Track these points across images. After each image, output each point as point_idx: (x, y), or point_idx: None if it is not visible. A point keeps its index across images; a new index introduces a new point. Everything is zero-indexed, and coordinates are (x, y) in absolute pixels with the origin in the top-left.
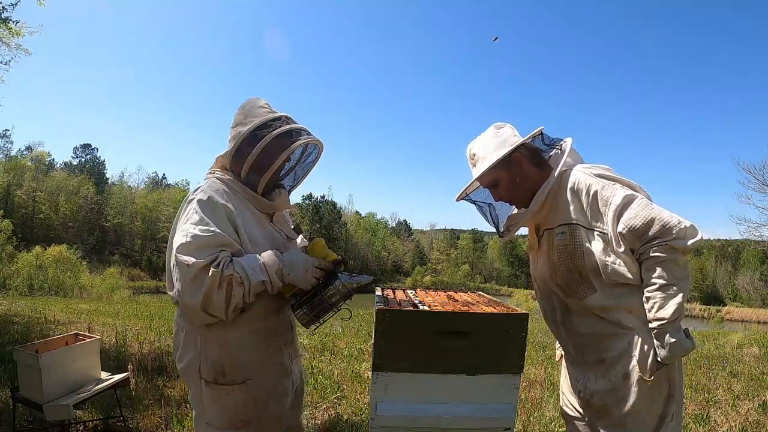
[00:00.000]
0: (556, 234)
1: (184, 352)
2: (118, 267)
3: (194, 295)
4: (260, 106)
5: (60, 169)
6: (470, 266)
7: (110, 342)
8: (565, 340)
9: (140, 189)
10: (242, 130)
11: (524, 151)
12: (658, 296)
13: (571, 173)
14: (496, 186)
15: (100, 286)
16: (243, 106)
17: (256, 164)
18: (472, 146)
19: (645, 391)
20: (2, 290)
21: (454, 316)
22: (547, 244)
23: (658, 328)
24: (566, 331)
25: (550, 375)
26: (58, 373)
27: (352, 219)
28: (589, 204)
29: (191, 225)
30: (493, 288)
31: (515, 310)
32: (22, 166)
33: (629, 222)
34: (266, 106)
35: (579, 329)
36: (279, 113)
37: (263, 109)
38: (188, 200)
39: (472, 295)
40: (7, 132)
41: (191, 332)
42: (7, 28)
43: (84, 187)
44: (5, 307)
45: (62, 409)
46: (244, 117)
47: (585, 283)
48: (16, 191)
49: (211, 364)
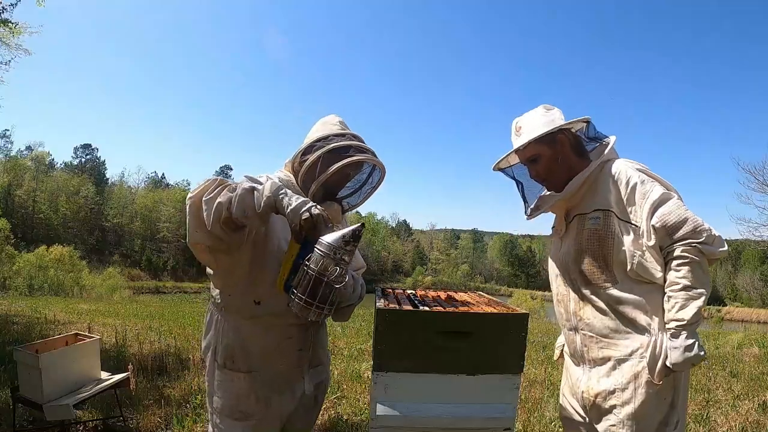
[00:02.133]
0: (589, 218)
1: (207, 332)
2: (117, 267)
3: (191, 192)
4: (332, 123)
5: (60, 169)
6: (470, 266)
7: (110, 342)
8: (573, 334)
9: (140, 189)
10: (308, 140)
11: (569, 135)
12: (681, 296)
13: (613, 163)
14: (535, 161)
15: (100, 286)
16: (319, 121)
17: (310, 172)
18: (519, 119)
19: (650, 396)
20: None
21: (454, 316)
22: (577, 228)
23: (676, 328)
24: (577, 322)
25: (551, 375)
26: (58, 373)
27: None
28: (627, 195)
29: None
30: (493, 288)
31: (515, 309)
32: (22, 166)
33: (663, 218)
34: (338, 123)
35: (591, 322)
36: (346, 131)
37: (333, 126)
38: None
39: (472, 295)
40: (7, 132)
41: (215, 316)
42: (7, 28)
43: (84, 187)
44: (5, 307)
45: (62, 409)
46: (315, 130)
47: (608, 272)
48: (16, 191)
49: (224, 348)
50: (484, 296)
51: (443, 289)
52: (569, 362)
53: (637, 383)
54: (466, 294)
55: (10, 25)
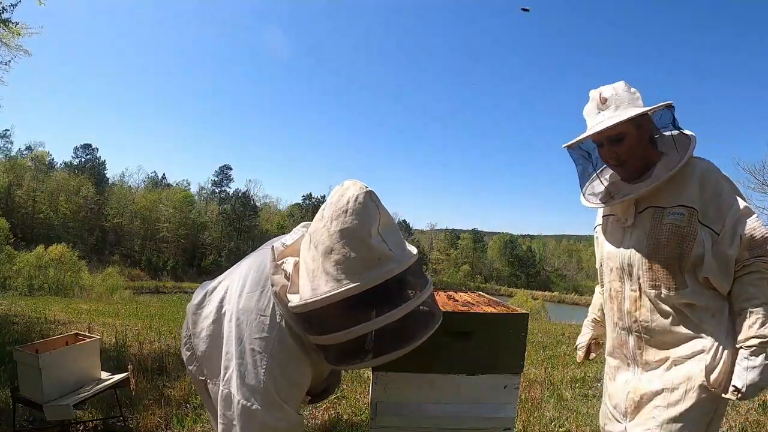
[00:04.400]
0: (670, 213)
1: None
2: (117, 267)
3: None
4: (362, 239)
5: (60, 169)
6: (470, 266)
7: (110, 342)
8: (625, 334)
9: (140, 189)
10: (324, 288)
11: (650, 121)
12: (761, 312)
13: (699, 161)
14: (619, 141)
15: (100, 286)
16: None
17: (340, 350)
18: (603, 90)
19: (698, 403)
20: (2, 290)
21: (454, 316)
22: (652, 222)
23: (758, 345)
24: (631, 322)
25: (550, 375)
26: (58, 373)
27: None
28: (712, 199)
29: (282, 369)
30: (493, 288)
31: (515, 309)
32: (22, 166)
33: (751, 231)
34: (370, 236)
35: (650, 324)
36: (386, 269)
37: (357, 255)
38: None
39: (472, 295)
40: (7, 132)
41: None
42: (7, 29)
43: (84, 187)
44: (5, 307)
45: (62, 409)
46: (328, 250)
47: (679, 274)
48: (16, 191)
49: None
50: (485, 296)
51: (443, 289)
52: (613, 364)
53: (689, 385)
54: (466, 294)
55: (11, 25)
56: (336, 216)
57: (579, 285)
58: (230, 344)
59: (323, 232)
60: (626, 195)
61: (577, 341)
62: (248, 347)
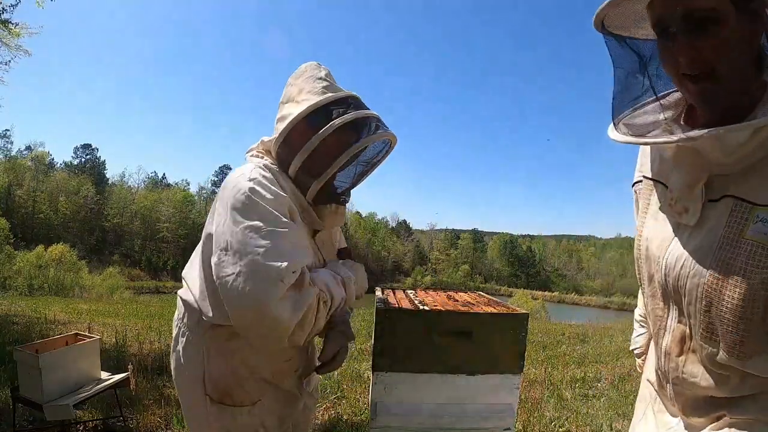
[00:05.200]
0: (758, 220)
1: (186, 361)
2: (117, 267)
3: (294, 310)
4: (319, 78)
5: (60, 169)
6: (470, 266)
7: (110, 342)
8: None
9: (140, 189)
10: (294, 111)
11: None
12: None
13: None
14: (708, 26)
15: (100, 286)
16: (297, 76)
17: (309, 162)
18: None
19: None
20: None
21: (454, 316)
22: (727, 225)
23: None
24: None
25: (550, 375)
26: (58, 373)
27: (353, 219)
28: None
29: (261, 221)
30: (492, 288)
31: (515, 309)
32: (22, 166)
33: None
34: (327, 78)
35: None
36: (344, 92)
37: (323, 83)
38: (235, 187)
39: (472, 295)
40: (7, 132)
41: (193, 340)
42: (6, 29)
43: (84, 187)
44: (5, 307)
45: (62, 409)
46: (298, 91)
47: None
48: (17, 191)
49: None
50: (484, 296)
51: (443, 289)
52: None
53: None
54: (466, 294)
55: (10, 26)
56: (297, 75)
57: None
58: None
59: (290, 89)
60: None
61: (631, 342)
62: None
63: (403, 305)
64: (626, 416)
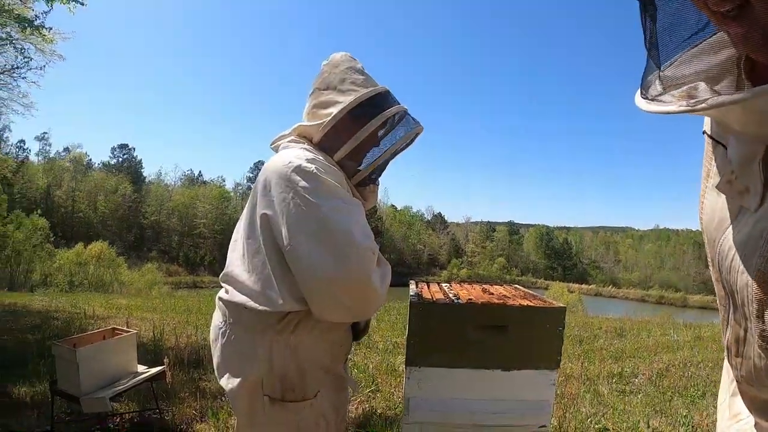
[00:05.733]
0: None
1: (241, 365)
2: (155, 263)
3: (383, 281)
4: (359, 70)
5: (98, 169)
6: (506, 259)
7: (148, 336)
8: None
9: (177, 186)
10: (341, 99)
11: None
12: None
13: None
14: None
15: (139, 282)
16: (335, 64)
17: (357, 149)
18: None
19: None
20: (44, 287)
21: (489, 309)
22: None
23: None
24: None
25: (587, 370)
26: (95, 366)
27: (388, 213)
28: None
29: (339, 199)
30: (529, 281)
31: (552, 303)
32: (60, 167)
33: None
34: (363, 71)
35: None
36: (380, 86)
37: (363, 76)
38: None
39: (508, 288)
40: (45, 135)
41: (249, 341)
42: (40, 36)
43: (122, 185)
44: (46, 303)
45: (99, 402)
46: (340, 81)
47: None
48: (56, 191)
49: (278, 377)
50: (521, 289)
51: (479, 282)
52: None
53: None
54: (502, 287)
55: (44, 32)
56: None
57: (616, 277)
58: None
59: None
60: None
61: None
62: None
63: (437, 298)
64: (663, 413)
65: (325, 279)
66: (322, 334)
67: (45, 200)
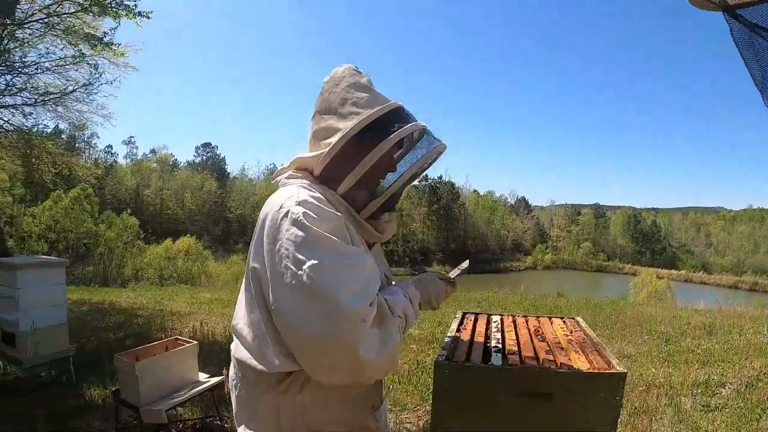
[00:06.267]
0: None
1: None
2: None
3: (381, 347)
4: (362, 86)
5: (183, 167)
6: (592, 243)
7: (224, 335)
8: None
9: (260, 181)
10: (341, 125)
11: None
12: None
13: None
14: None
15: (225, 274)
16: (335, 82)
17: (364, 179)
18: None
19: None
20: (135, 281)
21: (531, 375)
22: None
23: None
24: None
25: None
26: (153, 378)
27: (471, 198)
28: None
29: (325, 254)
30: (616, 266)
31: (610, 366)
32: (148, 168)
33: None
34: (370, 86)
35: None
36: (391, 102)
37: (367, 94)
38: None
39: (567, 326)
40: (131, 139)
41: (255, 399)
42: (111, 50)
43: (207, 182)
44: (132, 299)
45: (156, 414)
46: (341, 102)
47: None
48: (144, 191)
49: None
50: (581, 327)
51: (536, 316)
52: None
53: None
54: (561, 323)
55: (114, 47)
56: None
57: (708, 262)
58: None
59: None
60: None
61: None
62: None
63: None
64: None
65: (309, 343)
66: (335, 390)
67: (134, 200)
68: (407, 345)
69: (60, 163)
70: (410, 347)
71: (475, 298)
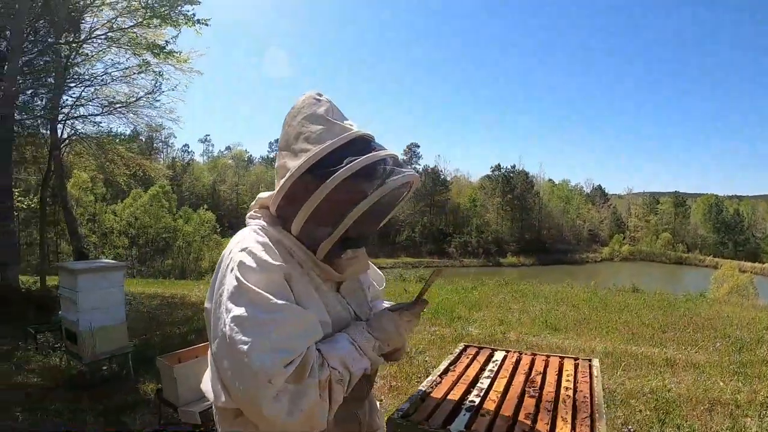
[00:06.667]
0: None
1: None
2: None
3: (292, 407)
4: (317, 117)
5: (258, 163)
6: (671, 233)
7: None
8: None
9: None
10: (291, 164)
11: None
12: None
13: None
14: None
15: None
16: (294, 114)
17: (315, 218)
18: None
19: None
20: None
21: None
22: None
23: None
24: None
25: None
26: (192, 380)
27: (545, 187)
28: None
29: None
30: (696, 258)
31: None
32: (223, 165)
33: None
34: (327, 116)
35: None
36: (347, 134)
37: (321, 127)
38: (229, 262)
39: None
40: (207, 137)
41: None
42: (174, 58)
43: None
44: (202, 294)
45: (191, 414)
46: (295, 138)
47: None
48: (220, 186)
49: None
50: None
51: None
52: None
53: None
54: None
55: (176, 54)
56: (294, 115)
57: None
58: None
59: (287, 133)
60: None
61: None
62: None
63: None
64: None
65: (231, 391)
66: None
67: (211, 195)
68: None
69: (133, 165)
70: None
71: (543, 293)
